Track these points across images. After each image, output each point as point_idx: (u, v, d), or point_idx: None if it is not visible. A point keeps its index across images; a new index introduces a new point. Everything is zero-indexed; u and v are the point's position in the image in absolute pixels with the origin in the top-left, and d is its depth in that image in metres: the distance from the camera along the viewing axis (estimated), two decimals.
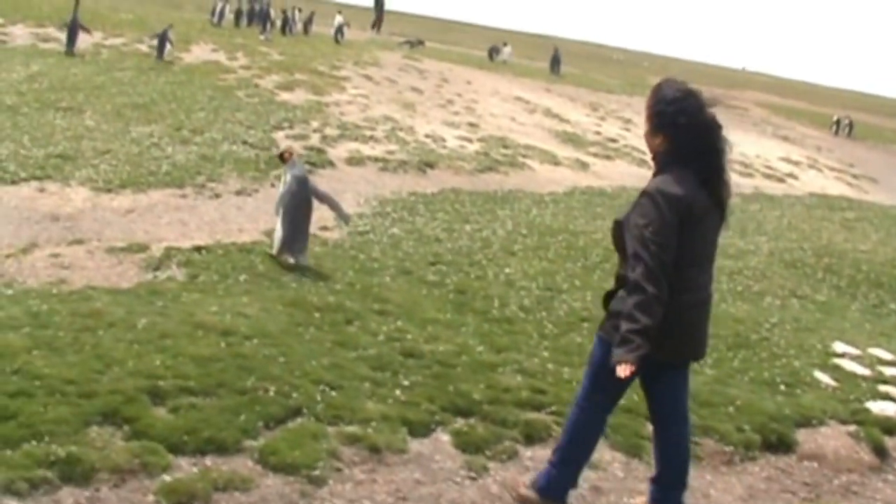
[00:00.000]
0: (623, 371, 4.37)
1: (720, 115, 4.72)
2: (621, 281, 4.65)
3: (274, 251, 8.69)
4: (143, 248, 8.61)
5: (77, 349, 5.92)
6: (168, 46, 21.03)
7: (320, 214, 9.97)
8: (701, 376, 7.37)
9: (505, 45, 38.45)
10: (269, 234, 9.70)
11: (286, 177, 8.82)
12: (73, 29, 19.57)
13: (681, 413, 5.04)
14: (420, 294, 8.43)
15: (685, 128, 4.54)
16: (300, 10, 32.45)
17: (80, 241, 8.70)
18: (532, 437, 6.01)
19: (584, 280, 9.56)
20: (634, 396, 6.50)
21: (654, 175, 4.65)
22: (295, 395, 5.84)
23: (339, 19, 32.58)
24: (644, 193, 4.52)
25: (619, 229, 4.66)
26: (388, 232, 10.54)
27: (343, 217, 9.37)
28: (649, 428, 6.24)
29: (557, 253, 10.65)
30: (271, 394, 5.79)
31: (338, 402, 5.86)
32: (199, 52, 22.37)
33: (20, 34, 21.68)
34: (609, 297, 4.78)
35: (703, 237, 4.61)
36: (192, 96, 17.29)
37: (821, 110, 51.72)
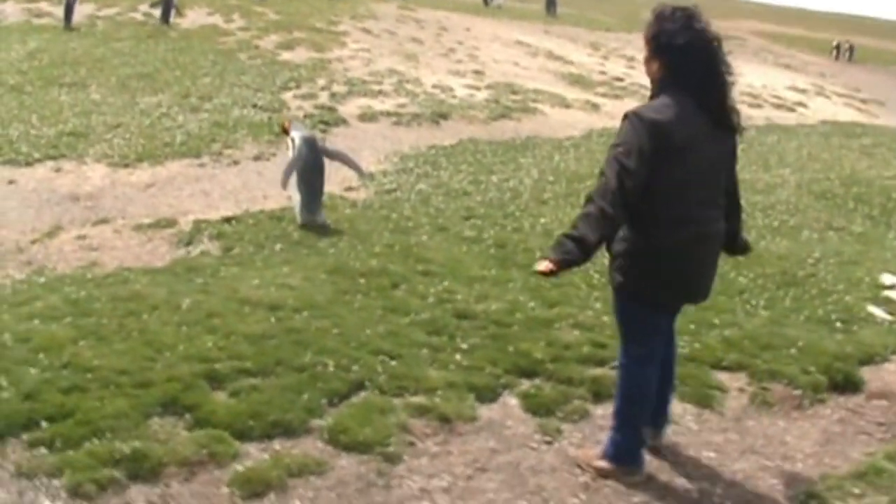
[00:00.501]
0: (539, 266, 4.15)
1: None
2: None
3: (298, 220, 8.50)
4: (170, 222, 8.36)
5: (124, 336, 5.68)
6: (173, 11, 20.65)
7: (343, 175, 9.74)
8: (756, 318, 7.20)
9: None
10: None
11: (293, 140, 8.63)
12: (70, 2, 19.15)
13: (671, 349, 4.91)
14: (460, 251, 8.19)
15: (683, 48, 4.27)
16: None
17: (105, 221, 8.44)
18: (600, 394, 5.75)
19: None
20: (696, 344, 6.34)
21: (649, 100, 4.44)
22: (355, 367, 5.59)
23: None
24: (624, 116, 4.28)
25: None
26: (416, 188, 10.29)
27: (359, 172, 9.22)
28: (717, 376, 6.09)
29: None
30: (331, 368, 5.54)
31: (399, 372, 5.62)
32: (195, 17, 22.01)
33: (11, 11, 21.30)
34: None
35: (697, 167, 4.27)
36: (194, 62, 16.98)
37: (818, 36, 51.22)
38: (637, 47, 28.51)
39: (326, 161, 8.76)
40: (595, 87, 21.14)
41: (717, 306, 7.29)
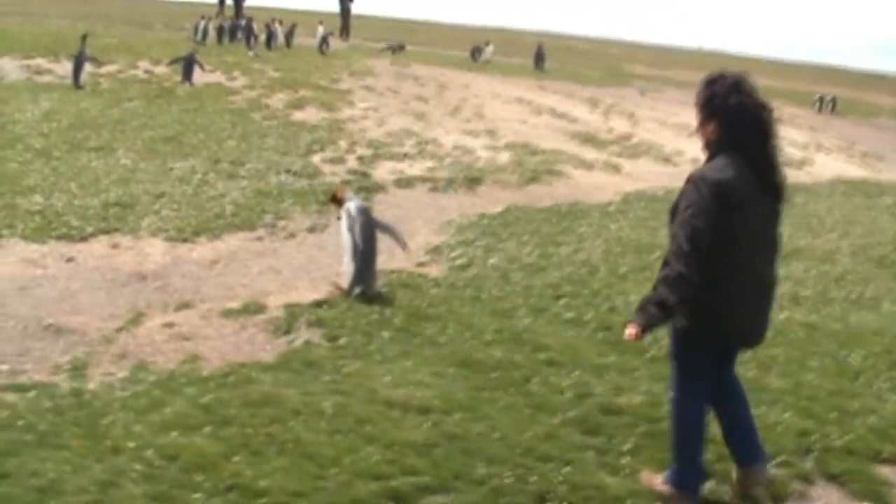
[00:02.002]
0: (628, 331, 4.59)
1: None
2: None
3: (345, 286, 8.27)
4: (258, 307, 7.82)
5: (278, 449, 5.16)
6: (196, 68, 20.27)
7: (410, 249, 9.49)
8: (888, 403, 7.03)
9: (487, 44, 37.77)
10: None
11: (349, 210, 8.45)
12: (79, 62, 18.59)
13: (737, 389, 5.19)
14: (569, 335, 7.80)
15: (735, 111, 4.66)
16: (281, 23, 31.53)
17: (187, 305, 7.86)
18: (778, 496, 5.43)
19: None
20: (848, 435, 5.95)
21: (705, 163, 4.79)
22: (532, 478, 5.24)
23: (321, 30, 31.77)
24: (689, 179, 4.67)
25: (672, 217, 4.79)
26: (488, 262, 9.86)
27: (404, 246, 9.10)
28: (883, 471, 5.71)
29: None
30: (508, 480, 5.19)
31: (576, 481, 5.26)
32: (198, 74, 21.44)
33: (10, 68, 20.68)
34: None
35: (752, 222, 4.65)
36: (212, 124, 16.48)
37: (793, 87, 51.57)
38: (633, 103, 28.55)
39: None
40: (607, 146, 20.86)
41: (845, 391, 7.16)
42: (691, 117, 18.05)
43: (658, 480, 5.16)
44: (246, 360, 6.68)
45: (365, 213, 8.55)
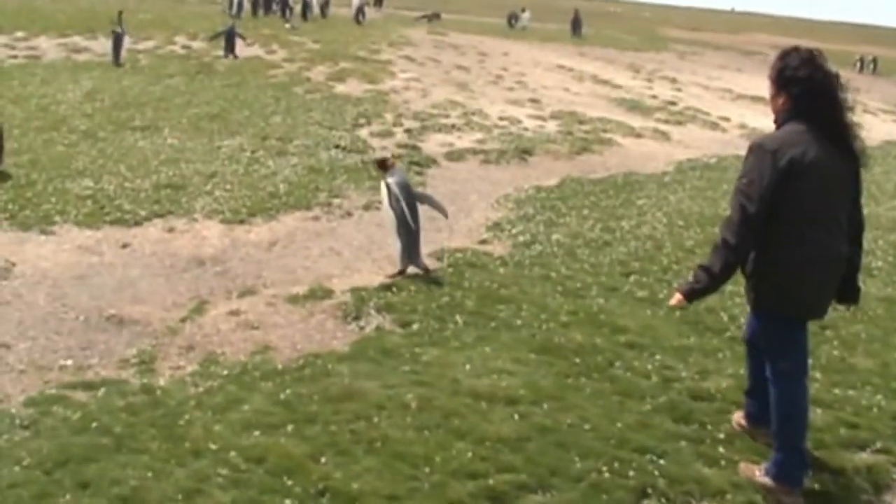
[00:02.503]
0: (673, 300, 4.81)
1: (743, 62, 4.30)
2: None
3: (399, 267, 8.01)
4: (326, 292, 7.57)
5: (366, 448, 4.93)
6: (238, 40, 20.11)
7: (469, 226, 9.62)
8: None
9: (523, 10, 37.30)
10: (437, 254, 8.74)
11: (389, 186, 8.11)
12: (118, 39, 18.40)
13: (800, 369, 4.91)
14: (647, 316, 7.51)
15: (805, 80, 4.62)
16: None
17: (251, 292, 7.63)
18: (879, 485, 5.18)
19: None
20: None
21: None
22: (630, 472, 4.96)
23: (356, 1, 31.37)
24: (749, 148, 4.65)
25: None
26: (552, 239, 9.58)
27: (445, 214, 8.84)
28: None
29: None
30: (607, 475, 4.90)
31: (675, 473, 5.01)
32: (238, 48, 21.19)
33: (47, 47, 20.53)
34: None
35: (821, 191, 4.54)
36: (256, 99, 16.27)
37: (833, 47, 50.68)
38: (673, 67, 28.06)
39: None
40: (653, 112, 20.49)
41: None
42: (733, 81, 18.12)
43: (758, 472, 4.96)
44: (319, 350, 6.44)
45: (406, 187, 8.21)
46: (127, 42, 19.07)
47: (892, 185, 14.27)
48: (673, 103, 22.01)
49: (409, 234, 8.04)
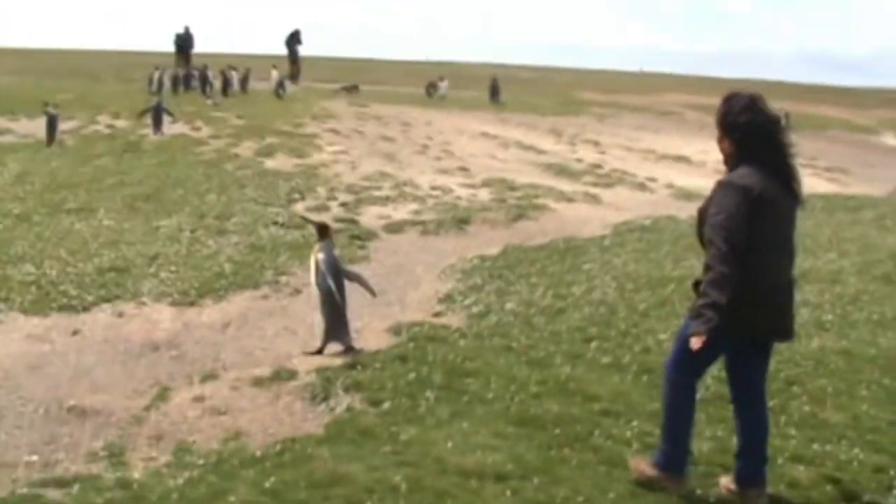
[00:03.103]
0: (696, 342, 4.79)
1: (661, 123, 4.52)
2: (705, 270, 5.01)
3: (319, 343, 8.00)
4: (289, 373, 7.47)
5: None
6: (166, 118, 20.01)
7: (420, 298, 9.65)
8: None
9: (441, 79, 37.65)
10: (394, 329, 8.68)
11: (318, 262, 8.12)
12: (52, 120, 18.18)
13: (759, 393, 5.41)
14: (615, 382, 7.51)
15: (746, 125, 5.02)
16: (235, 69, 31.17)
17: (212, 376, 7.50)
18: None
19: None
20: None
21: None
22: None
23: (275, 74, 31.47)
24: (718, 185, 5.01)
25: (700, 220, 5.13)
26: (506, 308, 9.59)
27: (372, 293, 8.75)
28: None
29: (683, 306, 9.70)
30: None
31: None
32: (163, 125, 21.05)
33: None
34: (697, 284, 5.11)
35: (777, 224, 5.00)
36: (188, 177, 16.14)
37: None
38: (594, 131, 28.43)
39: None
40: (580, 176, 20.77)
41: None
42: (654, 142, 18.37)
43: (644, 465, 5.41)
44: (293, 434, 6.33)
45: (334, 264, 8.21)
46: (60, 123, 18.82)
47: (824, 237, 14.54)
48: (599, 166, 22.30)
49: (333, 312, 8.00)
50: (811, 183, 23.88)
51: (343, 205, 15.09)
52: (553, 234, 14.31)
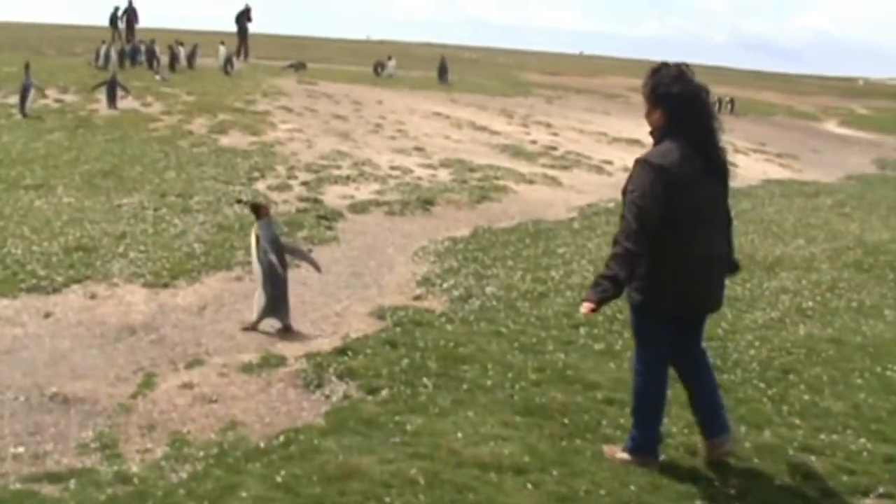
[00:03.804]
0: (585, 308, 5.07)
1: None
2: None
3: (254, 317, 7.95)
4: (278, 359, 7.24)
5: None
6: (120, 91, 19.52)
7: (398, 281, 9.56)
8: None
9: (389, 58, 37.32)
10: (378, 312, 8.48)
11: (258, 238, 8.01)
12: (25, 89, 17.72)
13: (703, 364, 5.60)
14: (612, 369, 7.42)
15: (677, 96, 5.04)
16: (182, 45, 30.53)
17: (198, 362, 7.21)
18: None
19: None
20: None
21: (652, 148, 5.17)
22: None
23: (223, 50, 30.90)
24: (636, 163, 5.11)
25: (624, 200, 5.16)
26: (487, 292, 9.44)
27: (317, 268, 8.83)
28: None
29: None
30: None
31: None
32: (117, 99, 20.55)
33: None
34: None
35: (698, 200, 5.03)
36: (144, 154, 15.74)
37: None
38: (544, 112, 28.32)
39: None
40: (537, 158, 20.64)
41: None
42: (604, 124, 18.47)
43: (618, 451, 5.52)
44: (293, 424, 6.10)
45: (275, 239, 8.15)
46: (33, 94, 18.36)
47: (789, 223, 14.59)
48: (553, 148, 22.20)
49: (275, 288, 7.91)
50: (765, 168, 24.16)
51: (304, 184, 14.80)
52: (518, 216, 14.17)
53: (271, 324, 7.95)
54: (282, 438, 5.77)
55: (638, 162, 5.11)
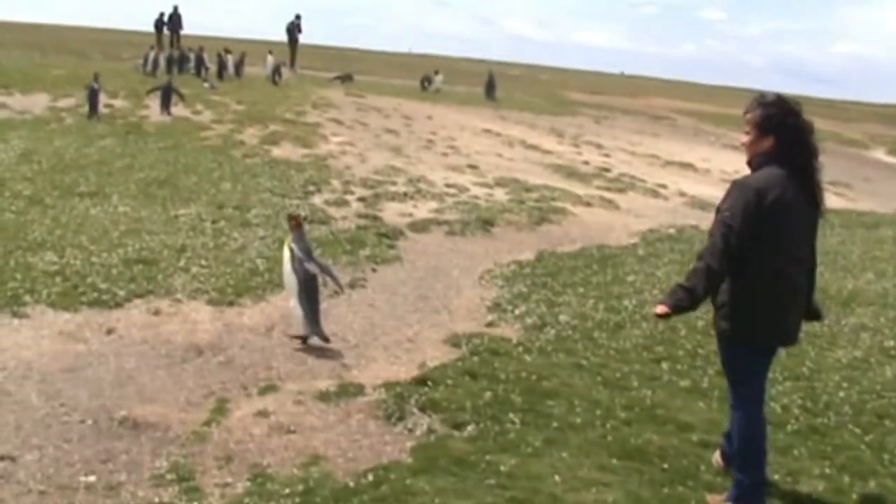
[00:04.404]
0: (658, 309, 4.95)
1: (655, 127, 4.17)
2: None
3: (302, 333, 7.86)
4: (356, 388, 6.94)
5: None
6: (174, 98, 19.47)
7: (467, 306, 9.28)
8: None
9: (437, 73, 37.07)
10: (453, 340, 8.16)
11: (293, 250, 7.90)
12: (94, 94, 17.71)
13: (759, 391, 5.35)
14: (702, 408, 7.10)
15: (791, 128, 5.02)
16: (230, 53, 30.42)
17: (272, 388, 6.91)
18: None
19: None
20: None
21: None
22: None
23: (271, 60, 30.72)
24: (733, 184, 5.05)
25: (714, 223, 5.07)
26: (561, 320, 9.11)
27: (340, 287, 8.67)
28: None
29: None
30: None
31: None
32: (156, 107, 20.40)
33: None
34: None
35: (793, 230, 4.98)
36: (198, 163, 15.51)
37: (728, 112, 51.69)
38: (593, 132, 27.94)
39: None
40: (591, 179, 20.26)
41: None
42: (655, 146, 18.02)
43: (721, 499, 5.30)
44: (377, 460, 5.78)
45: (309, 251, 8.02)
46: (103, 98, 18.29)
47: (855, 256, 14.16)
48: (606, 170, 21.84)
49: (311, 300, 7.80)
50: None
51: (361, 199, 14.52)
52: (580, 240, 13.82)
53: (317, 340, 7.87)
54: (371, 477, 5.44)
55: (735, 184, 5.05)
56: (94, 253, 9.70)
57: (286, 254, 7.96)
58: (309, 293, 7.82)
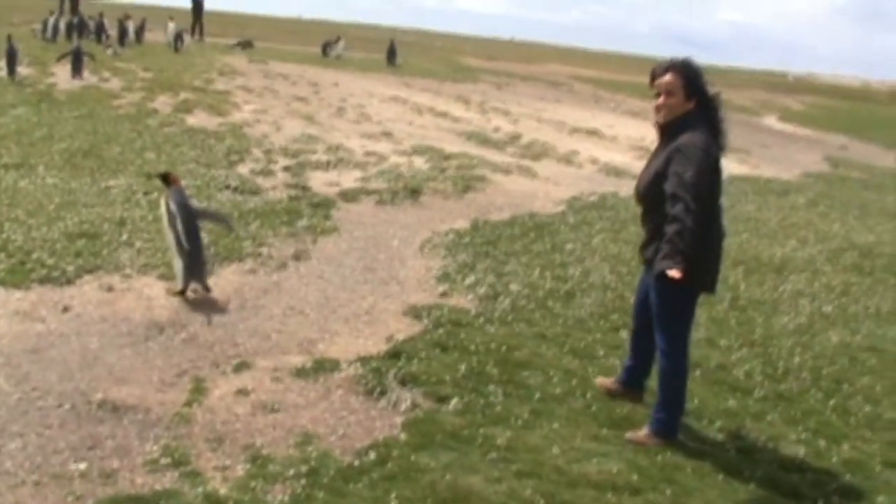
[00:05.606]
0: (675, 273, 5.05)
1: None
2: (653, 231, 5.53)
3: (179, 287, 8.00)
4: (331, 363, 6.91)
5: None
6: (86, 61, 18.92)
7: (416, 277, 9.31)
8: None
9: (338, 39, 36.75)
10: (413, 312, 8.18)
11: (168, 207, 8.05)
12: (12, 54, 17.04)
13: (685, 338, 5.75)
14: None
15: (707, 92, 5.51)
16: (130, 18, 29.64)
17: (245, 365, 6.83)
18: None
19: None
20: None
21: (673, 135, 5.46)
22: None
23: (172, 26, 30.04)
24: (681, 148, 5.32)
25: (651, 182, 5.51)
26: (512, 290, 9.16)
27: (231, 228, 9.25)
28: None
29: None
30: None
31: None
32: (64, 75, 19.80)
33: None
34: (644, 247, 5.75)
35: (721, 183, 5.51)
36: (117, 132, 15.19)
37: (618, 78, 52.48)
38: (499, 99, 28.04)
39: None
40: (504, 147, 20.39)
41: None
42: (559, 112, 18.40)
43: (643, 434, 5.76)
44: (371, 436, 5.78)
45: (185, 206, 8.10)
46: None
47: (773, 223, 14.56)
48: (517, 137, 21.99)
49: (186, 254, 7.90)
50: (724, 163, 24.18)
51: (287, 169, 14.39)
52: (506, 208, 13.90)
53: (193, 287, 8.02)
54: (373, 455, 5.42)
55: (687, 146, 5.31)
56: (33, 227, 9.43)
57: (162, 209, 8.11)
58: (182, 248, 7.92)
